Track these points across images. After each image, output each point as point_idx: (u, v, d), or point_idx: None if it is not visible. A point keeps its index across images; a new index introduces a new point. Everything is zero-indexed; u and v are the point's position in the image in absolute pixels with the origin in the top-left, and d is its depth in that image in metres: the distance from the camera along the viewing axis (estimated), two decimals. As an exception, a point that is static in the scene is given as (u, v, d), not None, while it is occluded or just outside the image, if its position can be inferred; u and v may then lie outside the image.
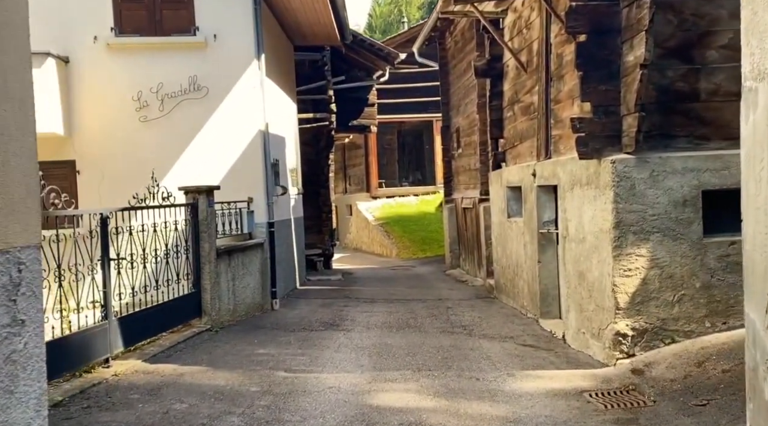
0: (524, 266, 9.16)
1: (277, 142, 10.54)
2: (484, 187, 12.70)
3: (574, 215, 7.13)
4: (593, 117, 6.55)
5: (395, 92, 25.08)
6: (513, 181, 9.67)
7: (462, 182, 14.98)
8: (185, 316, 7.42)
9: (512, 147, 10.20)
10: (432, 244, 19.98)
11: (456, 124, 15.35)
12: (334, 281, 13.48)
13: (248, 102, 9.15)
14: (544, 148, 8.46)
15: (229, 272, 8.22)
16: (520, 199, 9.77)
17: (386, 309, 9.80)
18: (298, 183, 12.98)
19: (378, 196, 25.48)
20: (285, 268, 10.82)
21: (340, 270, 16.42)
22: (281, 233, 10.57)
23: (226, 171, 9.15)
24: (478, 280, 13.15)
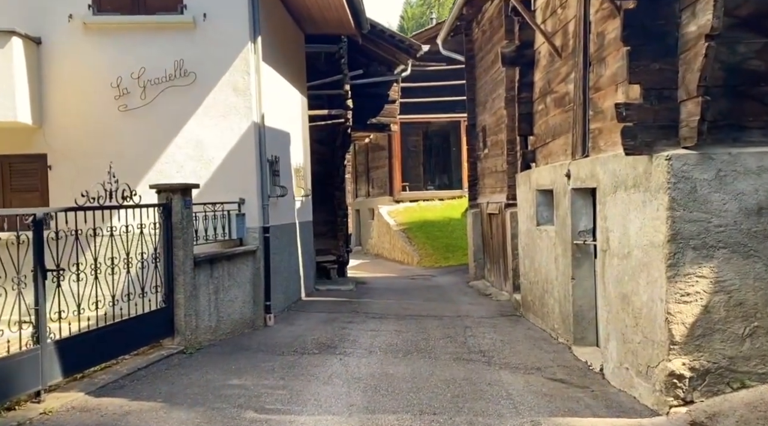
0: (555, 283, 7.90)
1: (277, 137, 9.45)
2: (511, 190, 11.44)
3: (617, 225, 5.87)
4: (643, 102, 5.29)
5: (421, 91, 23.92)
6: (543, 183, 8.41)
7: (488, 185, 13.72)
8: (152, 336, 6.35)
9: (543, 145, 8.94)
10: (456, 252, 18.72)
11: (482, 122, 14.11)
12: (345, 292, 12.33)
13: (241, 90, 8.06)
14: (580, 144, 7.20)
15: (210, 284, 7.13)
16: (552, 204, 8.51)
17: (395, 327, 8.61)
18: (307, 184, 11.87)
19: (401, 200, 24.31)
20: (285, 278, 9.71)
21: (355, 279, 15.26)
22: (281, 239, 9.46)
23: (214, 168, 8.08)
24: (503, 294, 11.88)
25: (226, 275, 7.48)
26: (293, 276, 10.29)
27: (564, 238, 7.47)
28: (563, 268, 7.54)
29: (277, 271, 9.11)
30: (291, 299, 10.08)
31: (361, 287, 13.41)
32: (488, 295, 12.07)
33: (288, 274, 9.89)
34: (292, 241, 10.33)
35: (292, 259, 10.21)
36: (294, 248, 10.42)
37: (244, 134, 8.09)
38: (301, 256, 10.96)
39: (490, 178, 13.52)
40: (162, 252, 6.42)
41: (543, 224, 8.67)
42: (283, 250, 9.55)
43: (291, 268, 10.13)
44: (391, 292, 12.60)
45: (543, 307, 8.52)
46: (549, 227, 8.38)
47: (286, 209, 9.89)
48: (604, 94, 6.65)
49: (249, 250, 8.00)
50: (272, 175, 8.89)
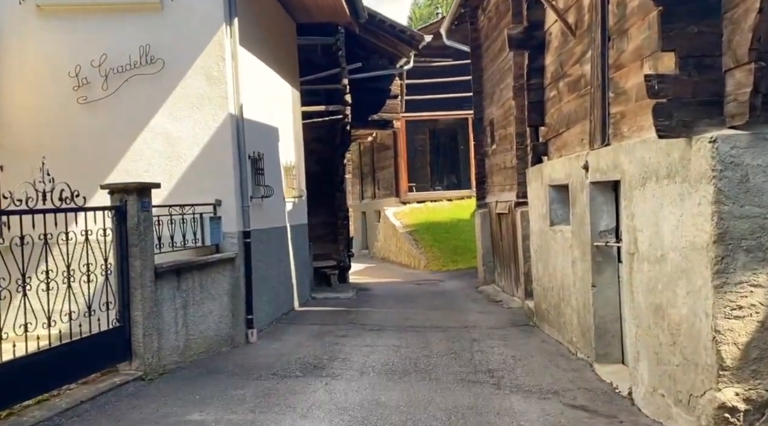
0: (572, 290, 6.94)
1: (262, 132, 8.56)
2: (521, 188, 10.50)
3: (647, 223, 4.92)
4: (680, 73, 4.35)
5: (427, 88, 23.02)
6: (557, 177, 7.47)
7: (496, 183, 12.78)
8: (105, 360, 5.47)
9: (556, 135, 8.00)
10: (465, 254, 17.76)
11: (489, 116, 13.17)
12: (344, 300, 11.42)
13: (215, 78, 7.18)
14: (599, 131, 6.26)
15: (177, 298, 6.24)
16: (567, 200, 7.56)
17: (394, 341, 7.69)
18: (300, 184, 10.98)
19: (408, 201, 23.40)
20: (274, 287, 8.81)
21: (356, 285, 14.35)
22: (268, 244, 8.57)
23: (186, 165, 7.20)
24: (514, 301, 10.92)
25: (198, 287, 6.60)
26: (284, 284, 9.39)
27: (582, 240, 6.52)
28: (582, 274, 6.59)
29: (262, 280, 8.22)
30: (281, 310, 9.19)
31: (362, 295, 12.49)
32: (498, 302, 11.12)
33: (277, 282, 9.00)
34: (282, 246, 9.44)
35: (282, 265, 9.31)
36: (284, 254, 9.53)
37: (220, 127, 7.21)
38: (293, 262, 10.07)
39: (498, 176, 12.57)
40: (115, 262, 5.54)
41: (557, 224, 7.73)
42: (270, 256, 8.66)
43: (281, 276, 9.24)
44: (393, 300, 11.67)
45: (559, 317, 7.57)
46: (564, 227, 7.43)
47: (274, 211, 9.01)
48: (627, 72, 5.71)
49: (226, 258, 7.11)
50: (255, 173, 8.00)
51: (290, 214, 10.00)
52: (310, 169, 14.49)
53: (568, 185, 6.98)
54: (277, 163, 9.33)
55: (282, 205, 9.53)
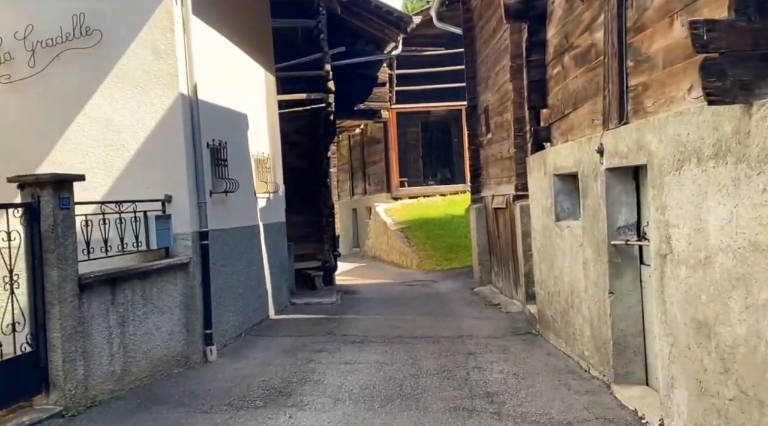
0: (584, 295, 5.92)
1: (225, 117, 7.51)
2: (520, 179, 9.48)
3: (685, 216, 3.90)
4: (736, 18, 3.32)
5: (418, 78, 21.97)
6: (563, 165, 6.44)
7: (492, 176, 11.75)
8: (11, 395, 4.41)
9: (561, 117, 6.97)
10: (459, 252, 16.75)
11: (484, 103, 12.13)
12: (326, 306, 10.38)
13: (163, 53, 6.12)
14: (615, 108, 5.23)
15: (112, 314, 5.20)
16: (576, 191, 6.55)
17: (378, 357, 6.67)
18: (276, 178, 9.94)
19: (399, 196, 22.35)
20: (242, 295, 7.77)
21: (343, 287, 13.33)
22: (234, 246, 7.53)
23: (131, 155, 6.14)
24: (513, 304, 9.91)
25: (140, 299, 5.55)
26: (255, 291, 8.35)
27: (595, 237, 5.50)
28: (595, 278, 5.56)
29: (227, 288, 7.19)
30: (252, 320, 8.15)
31: (347, 299, 11.45)
32: (496, 306, 10.10)
33: (246, 289, 7.95)
34: (253, 247, 8.39)
35: (252, 270, 8.27)
36: (256, 256, 8.48)
37: (170, 110, 6.14)
38: (268, 265, 9.02)
39: (494, 167, 11.55)
40: (26, 273, 4.50)
41: (564, 219, 6.71)
42: (237, 259, 7.62)
43: (251, 282, 8.19)
44: (381, 304, 10.64)
45: (567, 327, 6.55)
46: (573, 222, 6.41)
47: (242, 208, 7.96)
48: (651, 34, 4.68)
49: (177, 264, 6.06)
50: (216, 164, 6.96)
51: (263, 211, 8.95)
52: (292, 162, 13.46)
53: (578, 173, 5.95)
54: (245, 153, 8.29)
55: (252, 202, 8.49)
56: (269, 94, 9.89)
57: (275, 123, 10.20)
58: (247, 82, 8.71)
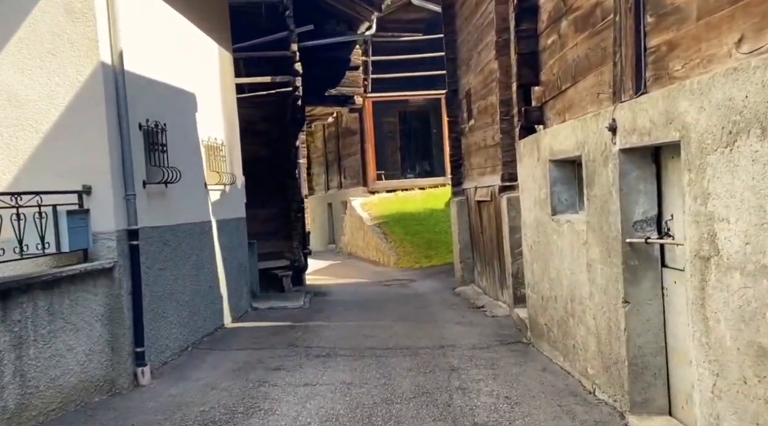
0: (588, 303, 4.96)
1: (164, 95, 6.42)
2: (507, 169, 8.52)
3: (742, 207, 2.94)
4: None
5: (395, 65, 20.98)
6: (562, 149, 5.46)
7: (475, 166, 10.79)
8: None
9: (557, 94, 6.00)
10: (439, 249, 15.79)
11: (466, 86, 11.15)
12: (292, 311, 9.34)
13: (79, 12, 5.02)
14: (631, 75, 4.26)
15: (3, 334, 4.12)
16: (576, 179, 5.61)
17: (345, 376, 5.65)
18: (234, 168, 8.87)
19: (376, 190, 21.34)
20: (188, 303, 6.71)
21: (314, 288, 12.30)
22: (177, 247, 6.47)
23: (39, 138, 5.05)
24: (500, 307, 8.96)
25: (45, 314, 4.48)
26: (206, 297, 7.28)
27: (604, 234, 4.52)
28: (604, 283, 4.60)
29: (168, 296, 6.13)
30: (202, 330, 7.09)
31: (316, 302, 10.41)
32: (480, 308, 9.13)
33: (194, 295, 6.89)
34: (204, 246, 7.32)
35: (202, 272, 7.20)
36: (207, 257, 7.41)
37: (88, 82, 5.06)
38: (223, 266, 7.96)
39: (477, 156, 10.58)
40: None
41: (562, 212, 5.74)
42: (181, 261, 6.55)
43: (200, 287, 7.13)
44: (354, 308, 9.62)
45: (566, 338, 5.58)
46: (574, 217, 5.45)
47: (188, 202, 6.89)
48: (679, -22, 3.72)
49: (98, 269, 4.99)
50: (151, 150, 5.87)
51: (217, 205, 7.88)
52: (257, 152, 12.40)
53: (581, 157, 4.97)
54: (193, 139, 7.21)
55: (202, 194, 7.41)
56: (225, 73, 8.80)
57: (233, 107, 9.11)
58: (197, 58, 7.62)
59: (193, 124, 7.23)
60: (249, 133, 12.46)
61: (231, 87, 9.09)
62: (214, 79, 8.34)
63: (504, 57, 8.39)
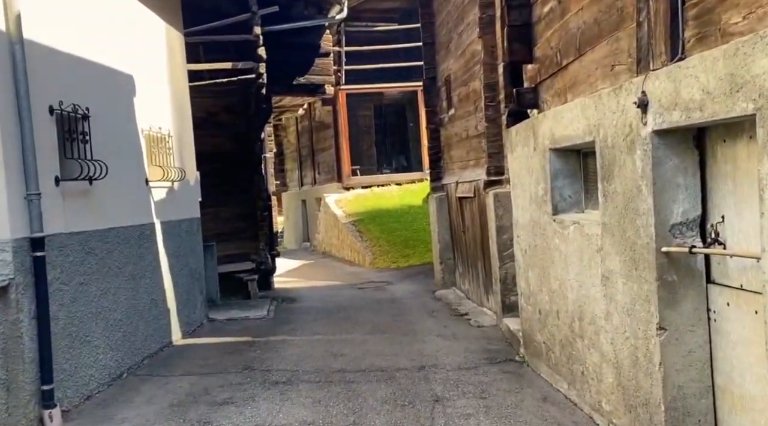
0: (604, 324, 4.01)
1: (85, 74, 5.34)
2: (493, 161, 7.59)
3: None
4: None
5: (370, 56, 19.97)
6: (567, 134, 4.49)
7: (456, 159, 9.84)
8: None
9: (557, 71, 5.05)
10: (418, 247, 14.84)
11: (445, 72, 10.19)
12: (253, 322, 8.31)
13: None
14: (664, 37, 3.32)
15: None
16: (581, 172, 4.70)
17: (306, 414, 4.66)
18: (185, 162, 7.80)
19: (351, 186, 20.32)
20: (121, 322, 5.65)
21: (281, 293, 11.28)
22: (105, 256, 5.42)
23: None
24: (485, 314, 8.04)
25: None
26: (147, 312, 6.23)
27: (629, 240, 3.58)
28: (627, 301, 3.65)
29: (93, 315, 5.09)
30: (142, 351, 6.04)
31: (283, 310, 9.39)
32: (464, 316, 8.19)
33: (130, 312, 5.83)
34: (144, 254, 6.26)
35: (141, 285, 6.14)
36: (148, 266, 6.35)
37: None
38: (170, 275, 6.91)
39: (459, 149, 9.63)
40: None
41: (565, 211, 4.80)
42: (112, 273, 5.50)
43: (139, 301, 6.07)
44: (323, 318, 8.62)
45: (572, 362, 4.65)
46: (581, 217, 4.52)
47: (122, 202, 5.83)
48: None
49: (-13, 289, 3.94)
50: (67, 139, 4.81)
51: (162, 205, 6.82)
52: (220, 146, 11.35)
53: (594, 144, 4.02)
54: (130, 128, 6.14)
55: (142, 193, 6.35)
56: (174, 56, 7.72)
57: (184, 94, 8.04)
58: (137, 36, 6.55)
59: (129, 111, 6.16)
60: (210, 124, 11.40)
61: (182, 72, 8.01)
62: (160, 62, 7.27)
63: (489, 35, 7.45)
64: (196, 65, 10.58)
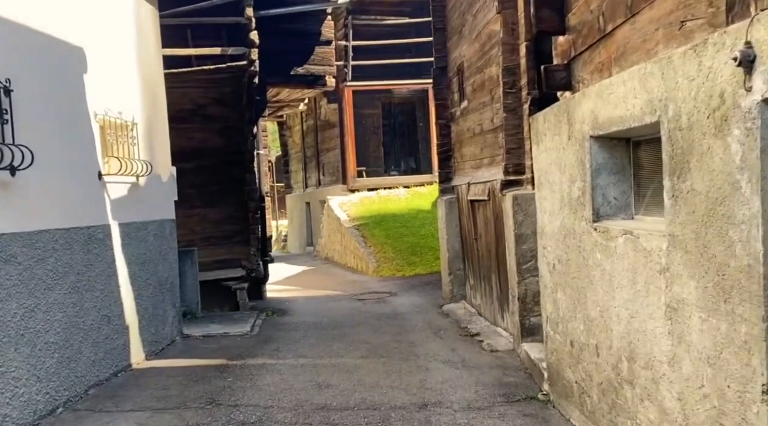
0: (667, 371, 2.93)
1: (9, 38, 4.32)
2: (512, 158, 6.51)
3: None
4: None
5: (378, 51, 19.00)
6: (619, 115, 3.40)
7: (469, 157, 8.78)
8: None
9: (599, 39, 3.98)
10: (425, 255, 13.79)
11: (458, 60, 9.13)
12: (233, 340, 7.27)
13: None
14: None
15: None
16: (630, 166, 3.61)
17: (269, 473, 3.60)
18: (155, 154, 6.78)
19: (356, 188, 19.31)
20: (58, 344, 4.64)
21: (273, 303, 10.26)
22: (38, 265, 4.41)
23: None
24: (500, 335, 6.97)
25: None
26: (94, 332, 5.20)
27: (715, 259, 2.51)
28: (710, 345, 2.58)
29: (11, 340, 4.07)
30: (87, 380, 5.01)
31: (270, 325, 8.34)
32: (475, 337, 7.12)
33: (69, 332, 4.81)
34: (94, 261, 5.24)
35: (88, 298, 5.11)
36: (98, 275, 5.32)
37: None
38: (130, 285, 5.88)
39: (472, 145, 8.57)
40: None
41: (610, 216, 3.73)
42: (44, 286, 4.48)
43: (84, 319, 5.04)
44: (314, 335, 7.57)
45: (616, 412, 3.56)
46: (633, 225, 3.44)
47: (64, 198, 4.82)
48: None
49: None
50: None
51: (122, 203, 5.80)
52: (209, 141, 10.42)
53: (660, 126, 2.94)
54: (76, 110, 5.13)
55: (94, 188, 5.33)
56: (145, 32, 6.71)
57: (156, 77, 7.02)
58: (89, 3, 5.53)
59: (76, 90, 5.14)
60: (199, 117, 10.45)
61: (155, 53, 7.00)
62: (126, 39, 6.26)
63: (509, 10, 6.39)
64: (181, 50, 9.63)
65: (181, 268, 8.08)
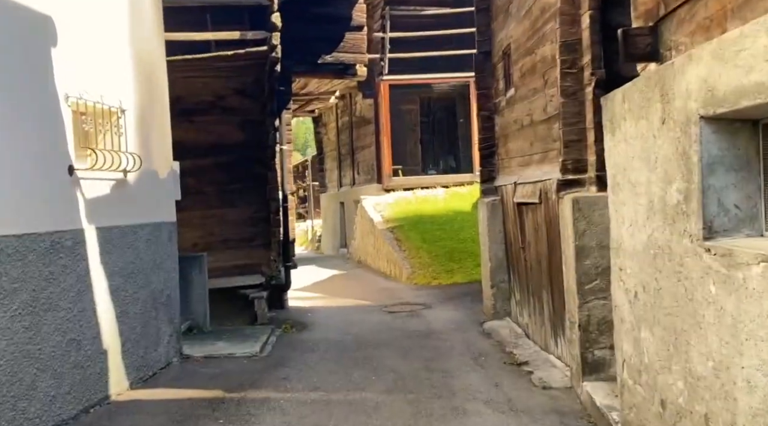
0: None
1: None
2: (571, 153, 5.36)
3: None
4: None
5: (417, 44, 17.87)
6: (748, 84, 2.27)
7: (515, 153, 7.64)
8: None
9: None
10: (464, 261, 12.66)
11: (504, 42, 7.99)
12: (238, 362, 6.27)
13: None
14: None
15: None
16: (759, 160, 2.40)
17: None
18: (151, 147, 5.83)
19: (392, 188, 18.24)
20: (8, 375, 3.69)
21: (293, 315, 9.28)
22: None
23: None
24: (554, 367, 5.83)
25: None
26: (57, 360, 4.25)
27: None
28: None
29: None
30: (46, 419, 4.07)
31: (285, 343, 7.34)
32: (523, 367, 6.00)
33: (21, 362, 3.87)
34: (59, 274, 4.29)
35: (48, 321, 4.17)
36: (65, 291, 4.37)
37: None
38: (111, 302, 4.95)
39: (519, 139, 7.43)
40: None
41: (729, 232, 2.58)
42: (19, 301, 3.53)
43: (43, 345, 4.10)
44: (333, 359, 6.53)
45: None
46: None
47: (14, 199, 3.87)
48: None
49: None
50: None
51: (101, 203, 4.86)
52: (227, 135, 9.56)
53: None
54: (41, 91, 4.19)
55: (63, 185, 4.39)
56: (139, 9, 5.76)
57: (156, 62, 6.07)
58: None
59: (39, 67, 4.21)
60: (218, 109, 9.57)
61: (155, 33, 6.05)
62: (113, 10, 5.32)
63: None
64: (197, 34, 8.75)
65: (187, 276, 7.17)
